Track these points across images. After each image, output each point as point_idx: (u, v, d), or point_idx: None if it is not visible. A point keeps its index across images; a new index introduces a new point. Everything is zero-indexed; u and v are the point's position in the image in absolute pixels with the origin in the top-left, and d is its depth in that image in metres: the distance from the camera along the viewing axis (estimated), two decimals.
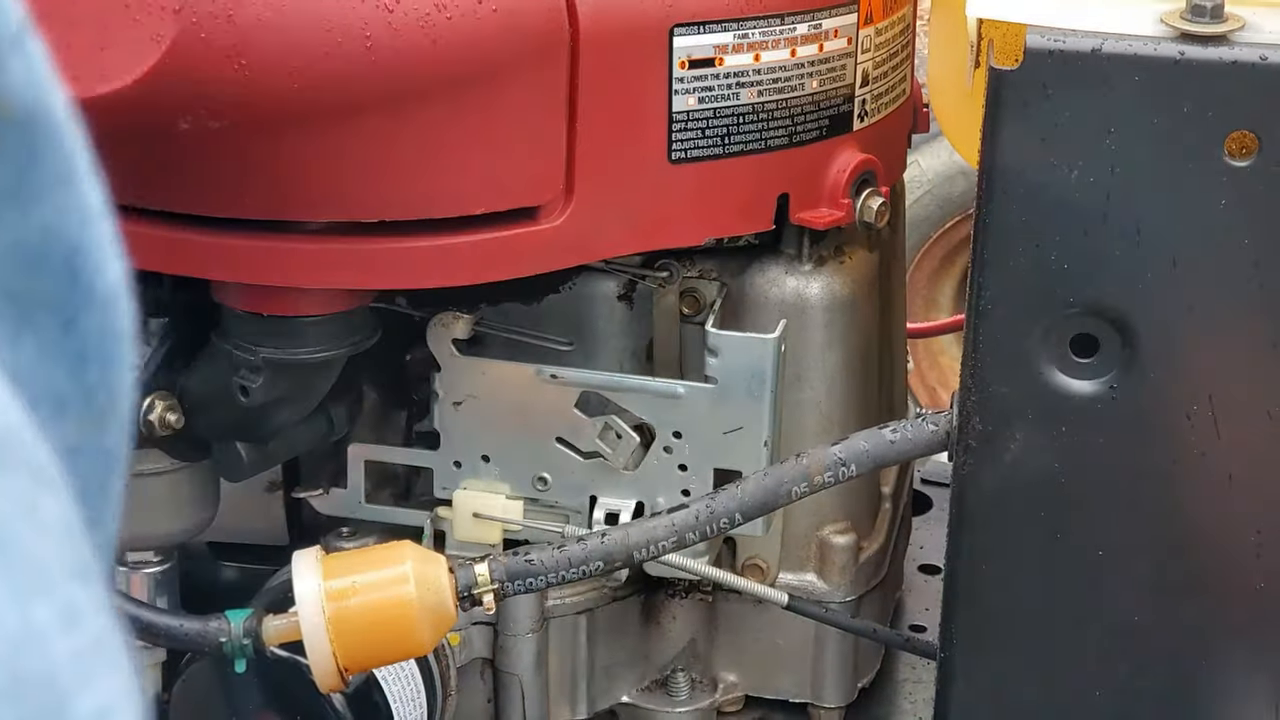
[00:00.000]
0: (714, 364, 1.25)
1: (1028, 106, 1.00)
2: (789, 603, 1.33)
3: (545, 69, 1.13)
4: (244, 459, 1.28)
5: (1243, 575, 1.08)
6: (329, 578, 1.06)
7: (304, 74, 1.06)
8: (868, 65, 1.29)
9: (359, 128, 1.10)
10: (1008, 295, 1.04)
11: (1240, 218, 1.00)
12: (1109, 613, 1.10)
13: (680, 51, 1.18)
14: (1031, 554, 1.10)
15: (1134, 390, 1.05)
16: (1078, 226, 1.02)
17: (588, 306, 1.31)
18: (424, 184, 1.13)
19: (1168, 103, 0.98)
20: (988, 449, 1.08)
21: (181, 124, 1.08)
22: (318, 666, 1.08)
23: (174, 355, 1.27)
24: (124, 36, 1.07)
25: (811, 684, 1.41)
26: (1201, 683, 1.11)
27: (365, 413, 1.38)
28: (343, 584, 1.06)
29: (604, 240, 1.21)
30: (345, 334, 1.22)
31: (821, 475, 1.14)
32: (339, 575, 1.06)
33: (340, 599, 1.05)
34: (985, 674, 1.13)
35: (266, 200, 1.13)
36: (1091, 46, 0.99)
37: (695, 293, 1.31)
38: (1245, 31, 0.99)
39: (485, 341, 1.32)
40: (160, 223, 1.16)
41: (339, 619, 1.05)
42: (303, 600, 1.05)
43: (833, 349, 1.32)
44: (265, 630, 1.12)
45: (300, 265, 1.15)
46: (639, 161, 1.19)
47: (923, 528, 1.71)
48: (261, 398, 1.22)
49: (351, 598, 1.06)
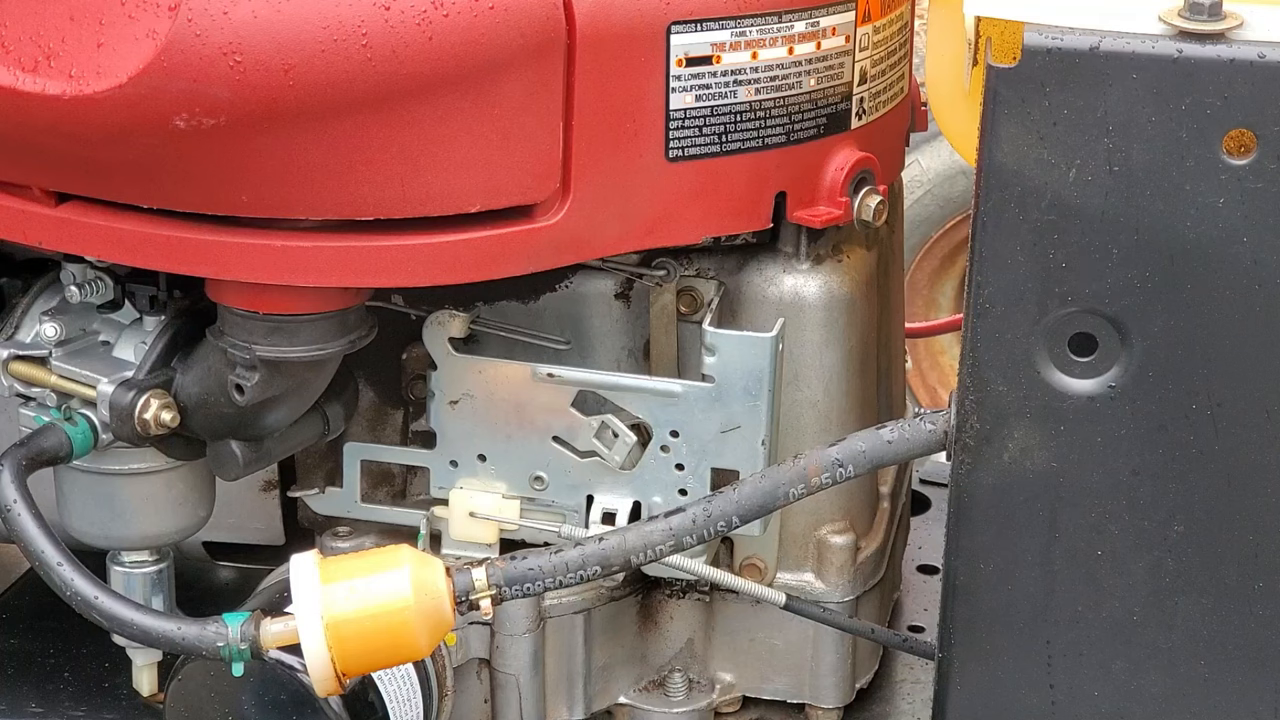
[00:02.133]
0: (711, 363, 1.25)
1: (1025, 104, 1.00)
2: (787, 603, 1.32)
3: (542, 66, 1.12)
4: (239, 458, 1.28)
5: (1242, 575, 1.08)
6: (327, 582, 1.06)
7: (299, 71, 1.06)
8: (865, 63, 1.28)
9: (355, 125, 1.10)
10: (1006, 294, 1.04)
11: (1238, 215, 0.99)
12: (1107, 612, 1.10)
13: (677, 49, 1.18)
14: (1030, 554, 1.09)
15: (1132, 389, 1.04)
16: (1076, 225, 1.02)
17: (585, 305, 1.31)
18: (420, 182, 1.12)
19: (1166, 101, 0.98)
20: (986, 448, 1.07)
21: (177, 121, 1.07)
22: (315, 671, 1.08)
23: (169, 353, 1.27)
24: (120, 34, 1.07)
25: (809, 684, 1.41)
26: (1200, 683, 1.10)
27: (361, 411, 1.37)
28: (341, 589, 1.05)
29: (601, 239, 1.21)
30: (341, 332, 1.22)
31: (819, 477, 1.13)
32: (337, 580, 1.06)
33: (338, 605, 1.05)
34: (983, 674, 1.13)
35: (262, 198, 1.13)
36: (1089, 44, 0.99)
37: (693, 291, 1.31)
38: (1243, 30, 0.99)
39: (482, 340, 1.32)
40: (156, 220, 1.15)
41: (337, 625, 1.05)
42: (301, 606, 1.04)
43: (830, 348, 1.32)
44: (263, 634, 1.12)
45: (296, 263, 1.14)
46: (636, 160, 1.19)
47: (921, 528, 1.71)
48: (257, 396, 1.22)
49: (349, 604, 1.05)
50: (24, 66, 1.09)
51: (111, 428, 1.25)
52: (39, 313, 1.32)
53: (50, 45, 1.09)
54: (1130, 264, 1.02)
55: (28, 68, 1.09)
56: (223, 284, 1.20)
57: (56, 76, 1.08)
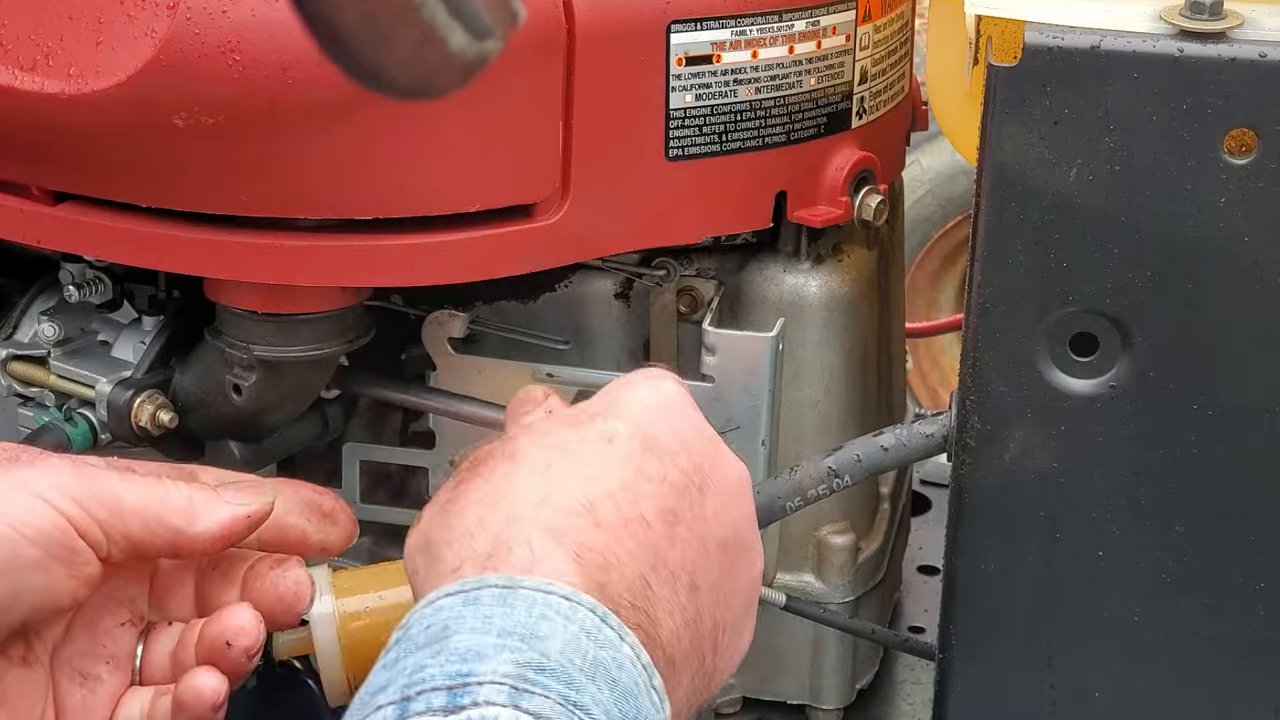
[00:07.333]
0: (711, 363, 1.25)
1: (1026, 104, 1.00)
2: (787, 603, 1.32)
3: (541, 65, 1.12)
4: (237, 458, 1.28)
5: (1243, 575, 1.07)
6: (341, 596, 1.06)
7: (298, 70, 1.06)
8: (866, 63, 1.28)
9: (354, 124, 1.09)
10: (1006, 294, 1.04)
11: (1240, 215, 0.99)
12: (1108, 612, 1.10)
13: (677, 48, 1.18)
14: (1031, 554, 1.09)
15: (1133, 389, 1.04)
16: (1077, 224, 1.01)
17: (584, 305, 1.31)
18: (419, 181, 1.12)
19: (1167, 100, 0.98)
20: (987, 449, 1.07)
21: (176, 120, 1.07)
22: (330, 683, 1.08)
23: (167, 353, 1.27)
24: (119, 32, 1.07)
25: (810, 685, 1.41)
26: (1201, 683, 1.10)
27: (360, 412, 1.37)
28: (356, 604, 1.06)
29: (601, 238, 1.21)
30: (339, 332, 1.22)
31: (815, 489, 1.14)
32: (352, 594, 1.06)
33: (354, 620, 1.05)
34: (984, 675, 1.13)
35: (261, 197, 1.12)
36: (1090, 43, 0.98)
37: (693, 291, 1.30)
38: (1244, 29, 0.98)
39: (481, 340, 1.32)
40: (154, 220, 1.15)
41: (351, 638, 1.05)
42: (317, 620, 1.05)
43: (831, 348, 1.32)
44: (276, 643, 1.12)
45: (294, 262, 1.14)
46: (636, 159, 1.19)
47: (922, 528, 1.70)
48: (255, 396, 1.22)
49: (364, 618, 1.06)
50: (22, 65, 1.09)
51: (109, 428, 1.25)
52: (38, 312, 1.32)
53: (48, 44, 1.09)
54: (1131, 263, 1.01)
55: (25, 66, 1.09)
56: (221, 283, 1.19)
57: (54, 75, 1.08)
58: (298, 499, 0.95)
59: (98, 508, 0.85)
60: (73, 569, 0.84)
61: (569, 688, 0.72)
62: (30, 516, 0.83)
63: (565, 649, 0.74)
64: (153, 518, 0.87)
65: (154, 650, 0.93)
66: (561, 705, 0.71)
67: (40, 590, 0.84)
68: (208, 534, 0.89)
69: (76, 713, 0.89)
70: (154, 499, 0.88)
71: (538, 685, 0.71)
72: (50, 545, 0.83)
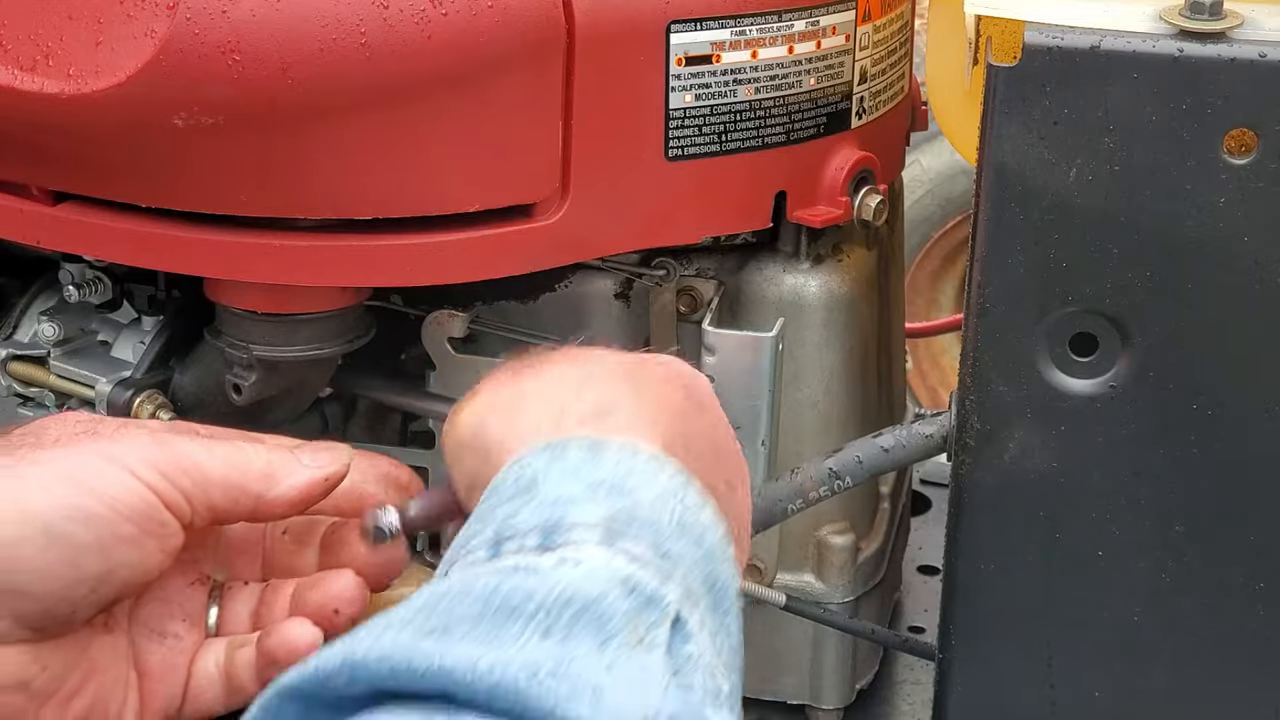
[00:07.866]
0: (711, 363, 1.25)
1: (1026, 104, 1.00)
2: (787, 603, 1.32)
3: (541, 65, 1.12)
4: None
5: (1243, 575, 1.07)
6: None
7: (298, 70, 1.06)
8: (866, 63, 1.28)
9: (354, 124, 1.09)
10: (1006, 294, 1.04)
11: (1239, 215, 0.99)
12: (1108, 613, 1.10)
13: (677, 48, 1.18)
14: (1031, 554, 1.09)
15: (1133, 389, 1.04)
16: (1076, 224, 1.01)
17: (584, 305, 1.31)
18: (419, 181, 1.12)
19: (1166, 100, 0.98)
20: (987, 449, 1.07)
21: (176, 120, 1.07)
22: None
23: (167, 353, 1.27)
24: (119, 32, 1.07)
25: (810, 685, 1.41)
26: (1201, 683, 1.10)
27: (360, 412, 1.37)
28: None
29: (600, 238, 1.21)
30: (339, 332, 1.22)
31: (816, 491, 1.14)
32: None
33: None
34: (984, 675, 1.13)
35: (261, 197, 1.12)
36: (1090, 43, 0.98)
37: (692, 291, 1.30)
38: (1244, 29, 0.98)
39: (481, 340, 1.32)
40: (154, 219, 1.15)
41: None
42: None
43: (831, 348, 1.32)
44: None
45: (294, 262, 1.14)
46: (635, 159, 1.18)
47: (922, 528, 1.70)
48: (254, 396, 1.22)
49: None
50: (22, 65, 1.09)
51: None
52: (37, 312, 1.32)
53: (48, 44, 1.09)
54: (1131, 263, 1.01)
55: (25, 66, 1.09)
56: (221, 283, 1.19)
57: (54, 75, 1.08)
58: (375, 470, 0.95)
59: (183, 478, 0.85)
60: (162, 541, 0.84)
61: (659, 536, 0.73)
62: (124, 493, 0.82)
63: (654, 504, 0.75)
64: (234, 485, 0.87)
65: (231, 609, 0.93)
66: (653, 552, 0.72)
67: (134, 565, 0.84)
68: (286, 498, 0.88)
69: (158, 670, 0.89)
70: (235, 466, 0.87)
71: (629, 532, 0.72)
72: (143, 521, 0.83)
